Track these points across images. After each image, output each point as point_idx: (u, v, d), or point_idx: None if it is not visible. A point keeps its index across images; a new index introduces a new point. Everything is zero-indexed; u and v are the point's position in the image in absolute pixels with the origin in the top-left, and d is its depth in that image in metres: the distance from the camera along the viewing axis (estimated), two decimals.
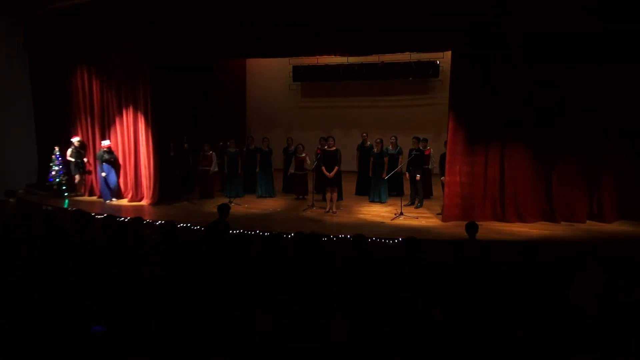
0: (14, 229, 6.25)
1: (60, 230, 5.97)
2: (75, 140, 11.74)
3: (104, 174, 11.28)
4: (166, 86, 11.24)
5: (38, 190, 12.36)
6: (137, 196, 11.44)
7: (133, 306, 4.08)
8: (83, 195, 12.07)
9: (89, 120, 12.00)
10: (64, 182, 11.97)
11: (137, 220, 6.79)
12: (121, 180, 11.65)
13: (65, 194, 11.91)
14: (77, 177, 11.87)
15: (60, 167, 11.94)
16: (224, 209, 6.78)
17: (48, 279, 4.41)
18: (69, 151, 11.67)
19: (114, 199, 11.41)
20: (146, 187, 11.22)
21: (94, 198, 11.90)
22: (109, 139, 11.57)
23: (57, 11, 11.63)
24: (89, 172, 12.05)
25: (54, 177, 11.93)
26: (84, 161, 11.85)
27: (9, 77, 12.57)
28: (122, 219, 9.17)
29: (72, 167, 11.78)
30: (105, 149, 11.27)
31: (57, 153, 11.91)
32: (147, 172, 11.12)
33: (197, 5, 10.35)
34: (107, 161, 11.25)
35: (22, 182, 12.46)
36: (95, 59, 11.63)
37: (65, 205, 11.00)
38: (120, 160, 11.58)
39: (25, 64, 12.94)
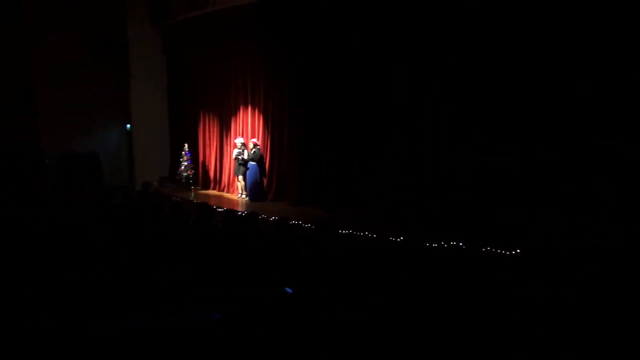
0: (148, 216, 7.01)
1: (186, 220, 6.61)
2: (238, 141, 11.51)
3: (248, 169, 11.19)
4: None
5: (169, 183, 13.69)
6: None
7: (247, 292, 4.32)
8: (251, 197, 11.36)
9: (216, 120, 12.93)
10: (191, 176, 13.07)
11: (252, 215, 7.21)
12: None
13: (192, 187, 13.00)
14: (240, 177, 11.54)
15: (189, 162, 13.05)
16: (330, 208, 6.97)
17: (173, 259, 4.89)
18: (235, 152, 11.44)
19: (259, 200, 11.14)
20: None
21: (215, 192, 12.72)
22: (255, 137, 11.56)
23: (194, 19, 12.62)
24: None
25: (183, 171, 13.07)
26: (246, 161, 11.29)
27: (150, 82, 14.07)
28: (240, 212, 9.72)
29: (236, 168, 11.49)
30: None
31: (187, 149, 13.03)
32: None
33: None
34: (251, 159, 11.12)
35: (156, 175, 13.96)
36: (228, 60, 12.31)
37: (192, 198, 11.96)
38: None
39: (163, 69, 14.37)
